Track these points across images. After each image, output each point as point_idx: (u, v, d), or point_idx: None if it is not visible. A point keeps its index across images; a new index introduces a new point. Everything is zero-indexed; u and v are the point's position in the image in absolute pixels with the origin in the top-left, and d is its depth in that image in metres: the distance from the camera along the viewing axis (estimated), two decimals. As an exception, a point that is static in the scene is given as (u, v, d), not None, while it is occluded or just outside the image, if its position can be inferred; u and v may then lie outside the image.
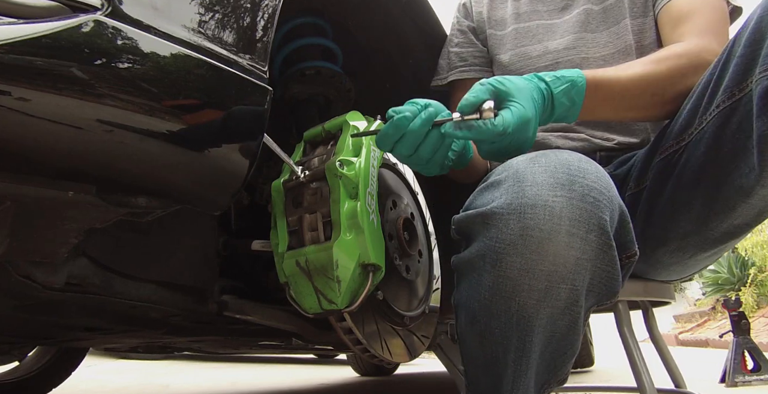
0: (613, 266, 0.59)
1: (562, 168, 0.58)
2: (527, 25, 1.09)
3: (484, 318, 0.59)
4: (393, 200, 0.85)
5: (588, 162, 0.61)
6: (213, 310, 0.88)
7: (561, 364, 0.63)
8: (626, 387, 1.39)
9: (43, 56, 0.44)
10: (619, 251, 0.61)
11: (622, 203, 0.62)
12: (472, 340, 0.62)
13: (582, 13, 1.02)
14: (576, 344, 0.61)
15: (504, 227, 0.56)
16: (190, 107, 0.54)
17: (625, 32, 0.98)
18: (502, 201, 0.57)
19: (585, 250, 0.56)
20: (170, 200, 0.60)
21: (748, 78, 0.64)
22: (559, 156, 0.60)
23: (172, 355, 3.19)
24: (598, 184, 0.58)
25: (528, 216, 0.55)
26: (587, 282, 0.58)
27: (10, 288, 0.66)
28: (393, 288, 0.81)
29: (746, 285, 6.04)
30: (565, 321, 0.58)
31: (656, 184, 0.80)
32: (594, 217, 0.56)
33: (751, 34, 0.64)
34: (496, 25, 1.13)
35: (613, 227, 0.59)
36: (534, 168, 0.59)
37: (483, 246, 0.58)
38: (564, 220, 0.55)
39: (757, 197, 0.67)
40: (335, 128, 0.80)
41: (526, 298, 0.56)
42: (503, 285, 0.57)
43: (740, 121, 0.65)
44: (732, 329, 2.71)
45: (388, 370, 3.28)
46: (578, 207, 0.55)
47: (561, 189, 0.56)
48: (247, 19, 0.60)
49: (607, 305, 0.65)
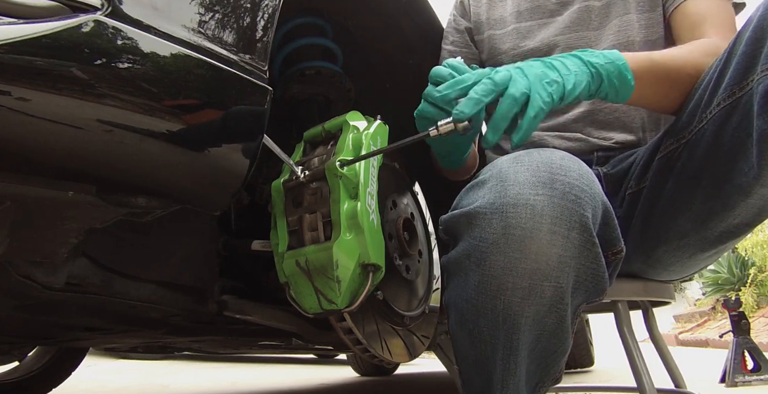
0: (598, 262, 0.59)
1: (544, 166, 0.58)
2: (528, 24, 1.08)
3: (472, 317, 0.59)
4: (393, 200, 0.85)
5: (571, 160, 0.61)
6: (213, 310, 0.88)
7: (552, 362, 0.63)
8: (626, 387, 1.39)
9: (43, 56, 0.44)
10: (605, 248, 0.61)
11: (605, 200, 0.62)
12: (462, 339, 0.62)
13: (583, 10, 1.02)
14: (566, 341, 0.62)
15: (487, 226, 0.57)
16: (190, 107, 0.54)
17: (628, 27, 0.98)
18: (485, 200, 0.58)
19: (567, 247, 0.56)
20: (170, 200, 0.60)
21: (749, 76, 0.64)
22: (542, 155, 0.60)
23: (172, 355, 3.19)
24: (579, 182, 0.58)
25: (510, 215, 0.56)
26: (572, 279, 0.58)
27: (10, 288, 0.66)
28: (393, 288, 0.81)
29: (746, 285, 6.04)
30: (552, 319, 0.59)
31: (656, 183, 0.80)
32: (575, 214, 0.56)
33: (753, 33, 0.64)
34: (495, 24, 1.13)
35: (597, 224, 0.59)
36: (516, 167, 0.59)
37: (468, 246, 0.58)
38: (545, 218, 0.55)
39: (756, 196, 0.67)
40: (335, 128, 0.80)
41: (510, 296, 0.57)
42: (488, 284, 0.57)
43: (740, 120, 0.65)
44: (732, 329, 2.71)
45: (388, 370, 3.28)
46: (559, 205, 0.56)
47: (542, 188, 0.56)
48: (247, 19, 0.60)
49: (598, 302, 0.65)
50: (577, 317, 0.63)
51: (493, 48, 1.11)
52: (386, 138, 0.81)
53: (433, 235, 1.01)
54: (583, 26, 1.02)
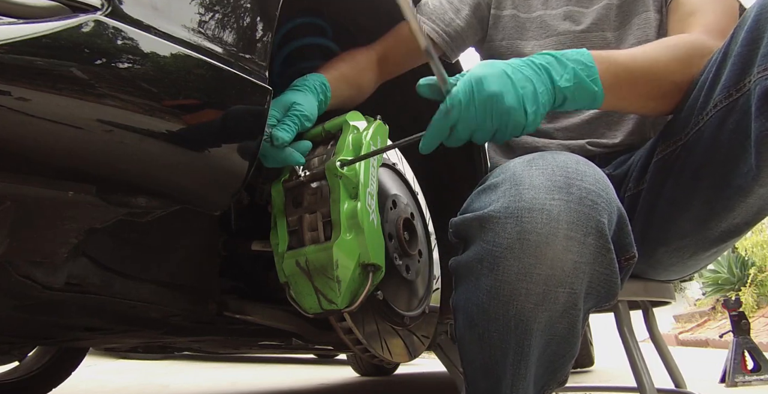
0: (612, 268, 0.58)
1: (559, 171, 0.57)
2: (555, 12, 1.03)
3: (483, 322, 0.59)
4: (393, 200, 0.85)
5: (586, 164, 0.60)
6: (213, 310, 0.88)
7: (560, 366, 0.62)
8: (626, 387, 1.39)
9: (43, 56, 0.44)
10: (618, 254, 0.61)
11: (620, 205, 0.61)
12: (470, 343, 0.62)
13: (604, 8, 1.00)
14: (575, 346, 0.61)
15: (501, 230, 0.56)
16: (190, 107, 0.54)
17: (647, 25, 0.96)
18: (499, 205, 0.57)
19: (583, 253, 0.55)
20: (170, 200, 0.60)
21: (746, 78, 0.63)
22: (557, 158, 0.60)
23: (172, 355, 3.19)
24: (596, 187, 0.57)
25: (525, 220, 0.55)
26: (586, 285, 0.57)
27: (10, 288, 0.66)
28: (393, 288, 0.81)
29: (746, 285, 6.04)
30: (564, 324, 0.58)
31: (655, 184, 0.79)
32: (592, 220, 0.55)
33: (748, 33, 0.63)
34: (520, 5, 1.07)
35: (612, 230, 0.59)
36: (531, 171, 0.58)
37: (480, 250, 0.58)
38: (562, 223, 0.54)
39: (755, 197, 0.67)
40: (335, 128, 0.80)
41: (524, 302, 0.56)
42: (501, 289, 0.56)
43: (738, 121, 0.65)
44: (732, 329, 2.71)
45: (388, 370, 3.28)
46: (576, 210, 0.55)
47: (558, 192, 0.56)
48: (247, 19, 0.60)
49: (606, 307, 0.65)
50: (586, 321, 0.63)
51: (514, 30, 1.05)
52: (386, 138, 0.81)
53: (433, 235, 1.01)
54: (604, 26, 1.00)
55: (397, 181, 0.93)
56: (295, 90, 0.78)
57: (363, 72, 0.94)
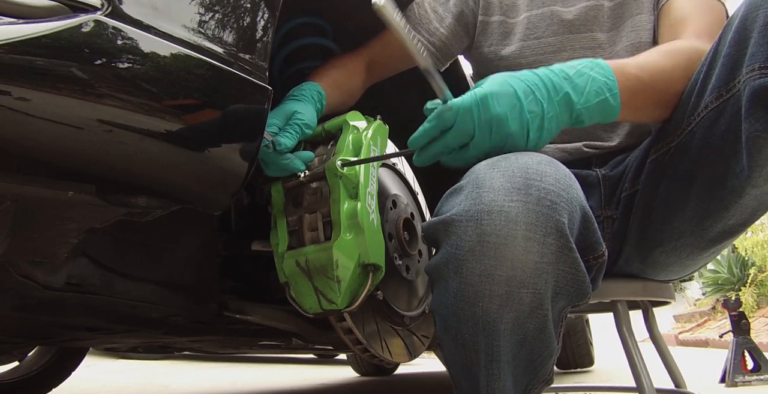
0: (577, 268, 0.58)
1: (519, 172, 0.58)
2: (540, 12, 1.02)
3: (454, 324, 0.59)
4: (393, 199, 0.85)
5: (549, 164, 0.60)
6: (213, 310, 0.88)
7: (540, 365, 0.63)
8: (626, 387, 1.39)
9: (43, 56, 0.44)
10: (586, 252, 0.61)
11: (584, 204, 0.61)
12: (448, 345, 0.62)
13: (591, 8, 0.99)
14: (551, 345, 0.61)
15: (463, 233, 0.56)
16: (190, 107, 0.54)
17: (640, 28, 0.96)
18: (461, 208, 0.58)
19: (544, 254, 0.55)
20: (170, 200, 0.60)
21: (735, 78, 0.63)
22: (519, 159, 0.60)
23: (172, 355, 3.19)
24: (555, 187, 0.57)
25: (485, 223, 0.55)
26: (551, 285, 0.57)
27: (10, 288, 0.66)
28: (393, 288, 0.81)
29: (746, 285, 6.04)
30: (533, 324, 0.58)
31: (649, 185, 0.79)
32: (551, 220, 0.55)
33: (736, 34, 0.64)
34: (508, 10, 1.06)
35: (574, 229, 0.59)
36: (492, 173, 0.58)
37: (446, 253, 0.58)
38: (520, 225, 0.55)
39: (749, 197, 0.67)
40: (335, 128, 0.80)
41: (488, 303, 0.56)
42: (466, 291, 0.57)
43: (729, 122, 0.65)
44: (732, 329, 2.70)
45: (388, 370, 3.28)
46: (534, 211, 0.55)
47: (517, 194, 0.56)
48: (247, 19, 0.60)
49: (582, 306, 0.64)
50: (563, 320, 0.63)
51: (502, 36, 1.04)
52: (386, 138, 0.81)
53: (433, 235, 1.00)
54: (593, 27, 0.99)
55: (397, 181, 0.93)
56: (294, 100, 0.80)
57: (352, 78, 0.96)
